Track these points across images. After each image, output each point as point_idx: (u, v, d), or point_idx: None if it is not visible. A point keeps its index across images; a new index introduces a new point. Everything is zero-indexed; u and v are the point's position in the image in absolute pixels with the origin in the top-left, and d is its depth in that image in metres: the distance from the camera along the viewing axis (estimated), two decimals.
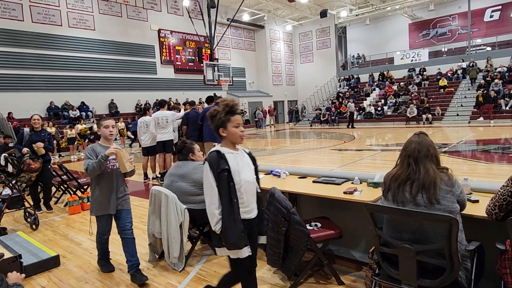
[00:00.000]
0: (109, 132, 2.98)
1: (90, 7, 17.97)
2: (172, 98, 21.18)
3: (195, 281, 2.98)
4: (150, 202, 3.38)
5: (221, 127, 2.03)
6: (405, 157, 2.02)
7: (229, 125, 2.02)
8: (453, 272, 1.79)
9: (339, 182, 3.12)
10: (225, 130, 2.03)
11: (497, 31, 22.52)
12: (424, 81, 21.93)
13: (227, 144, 2.07)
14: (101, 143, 3.00)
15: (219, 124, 2.03)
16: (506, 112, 16.80)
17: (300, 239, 2.58)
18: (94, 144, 2.97)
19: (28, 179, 5.03)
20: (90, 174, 2.84)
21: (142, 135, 7.42)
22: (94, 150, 2.90)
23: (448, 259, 1.79)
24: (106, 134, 2.98)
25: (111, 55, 18.74)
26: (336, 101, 23.87)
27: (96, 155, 2.85)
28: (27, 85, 15.73)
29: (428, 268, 1.88)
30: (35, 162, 5.01)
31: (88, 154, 2.88)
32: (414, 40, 26.33)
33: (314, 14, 25.13)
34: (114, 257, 3.62)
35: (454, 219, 1.73)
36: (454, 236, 1.75)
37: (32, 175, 5.03)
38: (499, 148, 9.62)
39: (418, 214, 1.86)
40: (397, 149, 10.25)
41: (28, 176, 4.99)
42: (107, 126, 2.98)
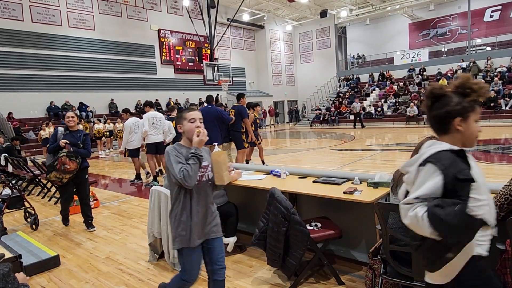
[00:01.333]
0: (195, 127, 2.08)
1: (90, 7, 17.98)
2: (172, 98, 21.21)
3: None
4: (150, 202, 3.38)
5: (459, 116, 1.37)
6: None
7: (472, 116, 1.38)
8: None
9: (339, 182, 3.12)
10: (464, 122, 1.37)
11: (497, 31, 22.51)
12: (424, 81, 21.93)
13: (457, 142, 1.39)
14: (183, 144, 2.14)
15: (458, 111, 1.37)
16: (506, 112, 16.81)
17: (300, 239, 2.58)
18: (174, 145, 2.13)
19: (59, 179, 4.30)
20: (189, 182, 1.95)
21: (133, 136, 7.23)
22: (181, 152, 2.07)
23: None
24: (192, 131, 2.08)
25: (111, 55, 18.75)
26: (336, 101, 23.89)
27: (185, 158, 2.03)
28: (27, 85, 15.74)
29: None
30: (71, 162, 4.21)
31: (175, 156, 2.02)
32: (414, 40, 26.33)
33: (314, 14, 25.13)
34: (114, 257, 3.63)
35: None
36: None
37: (64, 176, 4.26)
38: (499, 148, 9.62)
39: None
40: (397, 149, 10.26)
41: (60, 177, 4.26)
42: (193, 120, 2.11)
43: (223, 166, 2.15)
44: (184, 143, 2.15)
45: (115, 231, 4.47)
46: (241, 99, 7.29)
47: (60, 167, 4.15)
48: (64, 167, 4.17)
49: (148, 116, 6.95)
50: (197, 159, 1.98)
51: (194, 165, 1.97)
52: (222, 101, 24.36)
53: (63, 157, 4.17)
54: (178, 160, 2.00)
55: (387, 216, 2.14)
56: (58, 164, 4.15)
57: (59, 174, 4.21)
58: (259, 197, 3.68)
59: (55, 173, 4.19)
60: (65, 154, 4.19)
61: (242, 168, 4.26)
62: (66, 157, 4.18)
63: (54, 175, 4.21)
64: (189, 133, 2.09)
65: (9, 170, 7.59)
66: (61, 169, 4.16)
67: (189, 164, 1.96)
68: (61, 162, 4.15)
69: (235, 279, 2.98)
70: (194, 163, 1.97)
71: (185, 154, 2.04)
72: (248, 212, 4.00)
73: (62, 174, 4.21)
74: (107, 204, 5.89)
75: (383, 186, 2.84)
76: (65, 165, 4.17)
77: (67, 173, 4.24)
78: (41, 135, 12.84)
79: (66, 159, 4.18)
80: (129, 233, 4.35)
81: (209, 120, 6.44)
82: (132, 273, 3.23)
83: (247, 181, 3.58)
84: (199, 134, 2.05)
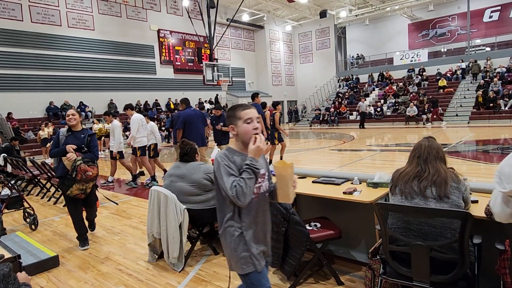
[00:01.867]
0: (253, 130, 1.69)
1: (90, 7, 17.97)
2: (172, 98, 21.21)
3: (194, 282, 2.98)
4: (149, 203, 3.37)
5: None
6: (414, 158, 2.12)
7: None
8: (464, 266, 1.84)
9: (338, 182, 3.12)
10: None
11: (496, 31, 22.53)
12: (423, 81, 21.95)
13: None
14: (236, 149, 1.74)
15: None
16: (505, 113, 16.82)
17: (299, 239, 2.58)
18: (225, 151, 1.74)
19: (83, 191, 3.75)
20: (243, 200, 1.59)
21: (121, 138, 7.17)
22: (233, 160, 1.68)
23: (460, 253, 1.84)
24: (249, 134, 1.69)
25: (110, 55, 18.74)
26: (335, 101, 23.90)
27: (238, 168, 1.66)
28: (26, 85, 15.72)
29: (438, 264, 1.92)
30: (91, 167, 3.71)
31: (226, 166, 1.65)
32: (413, 41, 26.34)
33: (314, 15, 25.14)
34: (113, 257, 3.62)
35: (469, 214, 1.80)
36: (467, 230, 1.80)
37: (87, 185, 3.76)
38: (498, 148, 9.63)
39: (434, 211, 1.92)
40: (397, 150, 10.27)
41: (83, 188, 3.71)
42: (249, 120, 1.70)
43: (289, 181, 1.73)
44: (236, 147, 1.76)
45: (114, 231, 4.47)
46: (255, 98, 7.61)
47: (81, 177, 3.61)
48: (86, 175, 3.64)
49: (136, 119, 6.80)
50: (253, 173, 1.61)
51: (249, 180, 1.60)
52: (222, 101, 24.40)
53: (82, 164, 3.64)
54: (230, 172, 1.64)
55: (386, 216, 2.15)
56: (79, 174, 3.60)
57: (82, 185, 3.69)
58: None
59: (77, 185, 3.65)
60: (82, 161, 3.66)
61: None
62: (84, 163, 3.66)
63: (76, 188, 3.67)
64: (245, 136, 1.70)
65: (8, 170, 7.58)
66: (82, 178, 3.63)
67: (243, 179, 1.59)
68: (82, 170, 3.62)
69: (233, 279, 2.97)
70: (250, 177, 1.60)
71: (238, 163, 1.67)
72: None
73: (85, 184, 3.71)
74: (107, 204, 5.88)
75: (382, 186, 2.84)
76: (87, 173, 3.65)
77: (90, 181, 3.76)
78: (40, 135, 12.82)
79: (85, 165, 3.67)
80: (129, 233, 4.35)
81: (198, 122, 6.43)
82: (131, 273, 3.23)
83: None
84: (255, 140, 1.64)
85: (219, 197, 1.75)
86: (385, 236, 2.04)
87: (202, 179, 3.30)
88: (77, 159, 3.65)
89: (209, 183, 3.33)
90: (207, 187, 3.32)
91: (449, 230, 1.91)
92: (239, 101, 24.70)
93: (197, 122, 6.36)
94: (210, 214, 3.34)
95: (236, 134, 1.74)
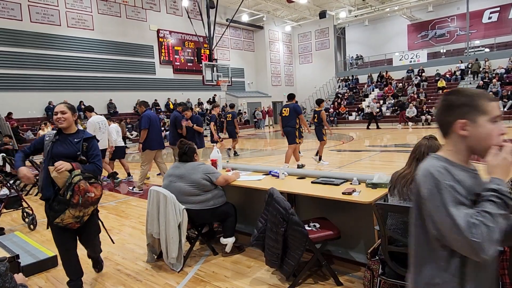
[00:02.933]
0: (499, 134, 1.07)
1: (89, 7, 17.96)
2: (171, 98, 21.21)
3: (193, 282, 2.98)
4: (148, 203, 3.37)
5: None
6: (414, 159, 2.12)
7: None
8: None
9: (337, 183, 3.12)
10: None
11: (495, 32, 22.57)
12: (422, 82, 21.98)
13: None
14: (454, 160, 1.11)
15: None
16: (504, 113, 16.86)
17: (298, 239, 2.58)
18: (443, 163, 1.06)
19: (78, 220, 2.59)
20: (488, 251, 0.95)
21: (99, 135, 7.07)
22: (458, 180, 1.03)
23: None
24: (492, 139, 1.07)
25: (110, 55, 18.73)
26: (335, 102, 23.91)
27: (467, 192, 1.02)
28: (25, 85, 15.70)
29: None
30: (94, 186, 2.59)
31: (451, 190, 1.00)
32: (412, 41, 26.37)
33: (313, 15, 25.15)
34: (112, 257, 3.62)
35: None
36: None
37: (86, 211, 2.60)
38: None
39: None
40: (396, 150, 10.27)
41: (80, 215, 2.57)
42: (497, 118, 1.07)
43: None
44: (455, 157, 1.11)
45: (113, 231, 4.46)
46: (293, 98, 7.88)
47: (78, 200, 2.47)
48: (87, 197, 2.52)
49: (93, 121, 6.78)
50: (504, 205, 0.97)
51: (500, 218, 0.96)
52: (221, 101, 24.38)
53: (82, 182, 2.50)
54: (459, 200, 0.99)
55: (386, 217, 2.15)
56: (76, 196, 2.46)
57: (78, 211, 2.52)
58: (257, 198, 3.68)
59: (72, 211, 2.49)
60: (81, 176, 2.52)
61: (241, 168, 4.26)
62: (84, 181, 2.52)
63: (70, 216, 2.51)
64: (485, 141, 1.07)
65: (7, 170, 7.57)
66: (80, 202, 2.49)
67: (488, 214, 0.95)
68: (82, 191, 2.48)
69: (233, 280, 2.97)
70: (500, 213, 0.96)
71: (467, 185, 1.04)
72: (247, 213, 3.99)
73: (83, 209, 2.55)
74: (105, 204, 5.88)
75: (381, 187, 2.84)
76: (88, 194, 2.52)
77: (91, 204, 2.60)
78: (40, 135, 12.81)
79: (86, 183, 2.52)
80: (127, 234, 4.34)
81: (157, 124, 6.49)
82: (130, 273, 3.22)
83: (246, 181, 3.58)
84: (503, 152, 1.03)
85: (419, 233, 1.11)
86: (384, 236, 2.04)
87: (201, 179, 3.30)
88: (74, 174, 2.50)
89: (208, 183, 3.32)
90: (206, 187, 3.32)
91: None
92: (238, 101, 24.63)
93: (156, 124, 6.50)
94: (209, 215, 3.35)
95: (465, 136, 1.08)
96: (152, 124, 6.31)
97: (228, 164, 4.44)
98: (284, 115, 7.63)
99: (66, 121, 2.66)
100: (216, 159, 4.02)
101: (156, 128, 6.44)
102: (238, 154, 10.28)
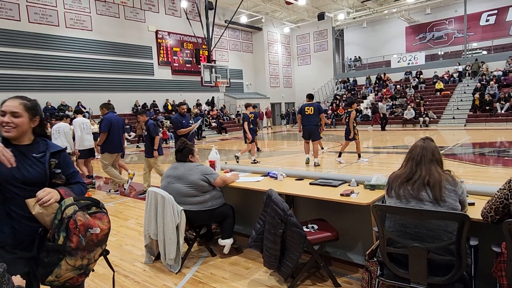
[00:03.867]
0: None
1: (88, 8, 17.93)
2: (170, 99, 21.19)
3: (191, 283, 2.97)
4: (146, 204, 3.36)
5: None
6: (409, 160, 2.13)
7: None
8: (461, 268, 1.86)
9: (336, 184, 3.12)
10: None
11: (492, 35, 22.69)
12: (420, 84, 22.06)
13: None
14: None
15: None
16: (501, 116, 16.93)
17: (297, 241, 2.58)
18: None
19: (83, 269, 1.72)
20: None
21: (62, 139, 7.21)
22: None
23: (456, 255, 1.86)
24: None
25: (108, 56, 18.70)
26: (333, 103, 23.95)
27: None
28: (23, 86, 15.64)
29: (435, 266, 1.93)
30: (96, 218, 1.75)
31: None
32: (410, 43, 26.47)
33: (312, 17, 25.22)
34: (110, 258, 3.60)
35: (467, 216, 1.81)
36: (465, 233, 1.82)
37: (92, 256, 1.74)
38: (494, 151, 9.68)
39: (431, 213, 1.93)
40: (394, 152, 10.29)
41: (84, 263, 1.70)
42: None
43: None
44: None
45: (111, 232, 4.43)
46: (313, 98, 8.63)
47: (78, 242, 1.64)
48: (90, 235, 1.68)
49: (78, 122, 7.18)
50: None
51: None
52: (220, 102, 24.38)
53: (78, 214, 1.66)
54: None
55: (384, 218, 2.15)
56: (74, 237, 1.63)
57: (80, 259, 1.68)
58: (256, 199, 3.68)
59: (72, 260, 1.65)
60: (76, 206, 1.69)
61: (240, 170, 4.26)
62: (81, 213, 1.68)
63: (68, 268, 1.66)
64: None
65: None
66: (79, 246, 1.65)
67: None
68: (81, 228, 1.65)
69: (231, 281, 2.97)
70: None
71: None
72: (245, 214, 3.99)
73: (88, 254, 1.70)
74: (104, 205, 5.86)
75: (379, 188, 2.85)
76: (91, 230, 1.68)
77: (97, 246, 1.75)
78: None
79: (85, 215, 1.70)
80: (125, 235, 4.33)
81: (119, 128, 6.37)
82: (128, 274, 3.21)
83: (244, 182, 3.58)
84: None
85: None
86: (382, 238, 2.04)
87: (199, 180, 3.29)
88: (65, 204, 1.68)
89: (206, 184, 3.32)
90: (204, 188, 3.32)
91: (445, 233, 1.92)
92: (237, 102, 24.70)
93: (117, 128, 6.43)
94: (207, 216, 3.34)
95: None
96: (113, 127, 6.25)
97: (227, 165, 4.44)
98: (308, 113, 8.09)
99: (16, 129, 1.66)
100: (214, 160, 4.02)
101: (117, 132, 6.33)
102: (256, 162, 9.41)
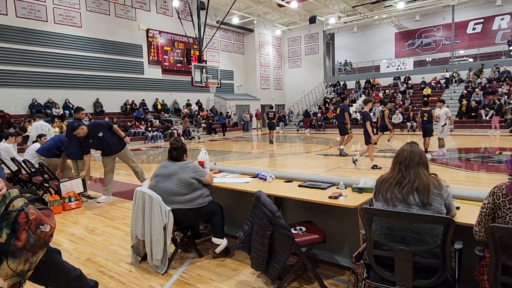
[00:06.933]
0: None
1: (77, 4, 17.68)
2: (159, 98, 21.03)
3: (177, 284, 2.95)
4: (133, 203, 3.32)
5: None
6: (397, 164, 2.15)
7: None
8: (445, 271, 1.89)
9: (324, 187, 3.15)
10: None
11: (479, 43, 23.24)
12: (408, 89, 22.40)
13: None
14: None
15: None
16: (486, 122, 17.31)
17: (284, 243, 2.58)
18: None
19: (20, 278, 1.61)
20: None
21: None
22: None
23: (441, 258, 1.89)
24: None
25: (97, 53, 18.46)
26: (322, 107, 24.13)
27: None
28: (9, 81, 15.32)
29: (420, 268, 1.96)
30: (44, 214, 1.67)
31: None
32: (399, 49, 26.89)
33: (303, 20, 25.39)
34: (95, 258, 3.55)
35: (452, 220, 1.84)
36: (449, 236, 1.85)
37: (34, 259, 1.64)
38: (478, 157, 9.88)
39: (418, 217, 1.96)
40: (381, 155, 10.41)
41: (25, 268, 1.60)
42: None
43: None
44: None
45: (97, 232, 4.38)
46: (344, 100, 10.71)
47: (26, 239, 1.55)
48: (40, 232, 1.61)
49: (36, 125, 7.44)
50: None
51: None
52: (210, 103, 24.28)
53: (29, 207, 1.59)
54: None
55: (371, 222, 2.17)
56: (23, 233, 1.54)
57: (23, 262, 1.59)
58: (244, 200, 3.67)
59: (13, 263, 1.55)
60: (25, 199, 1.62)
61: (229, 170, 4.25)
62: (31, 206, 1.62)
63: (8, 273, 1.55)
64: None
65: None
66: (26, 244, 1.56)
67: None
68: (32, 223, 1.57)
69: (218, 282, 2.96)
70: None
71: None
72: (233, 215, 3.98)
73: (32, 256, 1.61)
74: (89, 204, 5.77)
75: (367, 191, 2.88)
76: (42, 227, 1.61)
77: (42, 248, 1.67)
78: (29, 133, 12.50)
79: (36, 210, 1.64)
80: (111, 235, 4.27)
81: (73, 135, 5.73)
82: (113, 275, 3.17)
83: (233, 183, 3.57)
84: None
85: None
86: (369, 240, 2.06)
87: (190, 178, 3.28)
88: (11, 196, 1.59)
89: (196, 182, 3.31)
90: (193, 186, 3.30)
91: (431, 236, 1.96)
92: (227, 103, 24.65)
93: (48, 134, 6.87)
94: (194, 214, 3.32)
95: None
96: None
97: (216, 166, 4.42)
98: (337, 113, 10.41)
99: None
100: (203, 161, 4.00)
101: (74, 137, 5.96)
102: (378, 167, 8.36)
